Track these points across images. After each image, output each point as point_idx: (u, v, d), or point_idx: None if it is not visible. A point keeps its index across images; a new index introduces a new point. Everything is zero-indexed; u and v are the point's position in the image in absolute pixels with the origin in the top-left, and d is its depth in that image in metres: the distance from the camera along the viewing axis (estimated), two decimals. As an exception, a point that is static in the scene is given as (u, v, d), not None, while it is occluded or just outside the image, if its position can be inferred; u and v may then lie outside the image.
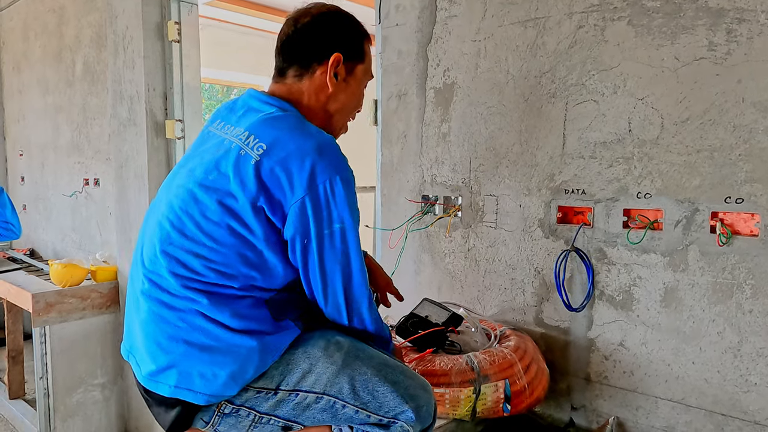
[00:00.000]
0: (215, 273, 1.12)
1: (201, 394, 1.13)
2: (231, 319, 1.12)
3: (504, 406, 1.46)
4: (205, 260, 1.13)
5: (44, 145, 4.25)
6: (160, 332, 1.14)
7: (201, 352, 1.12)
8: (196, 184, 1.16)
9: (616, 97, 1.54)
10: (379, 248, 2.18)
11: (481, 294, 1.89)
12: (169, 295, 1.15)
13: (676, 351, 1.49)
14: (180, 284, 1.13)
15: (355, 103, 1.38)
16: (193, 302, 1.12)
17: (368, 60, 1.37)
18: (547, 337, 1.72)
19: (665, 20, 1.45)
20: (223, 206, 1.12)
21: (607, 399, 1.62)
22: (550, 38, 1.65)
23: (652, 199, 1.49)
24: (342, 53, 1.29)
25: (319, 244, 1.14)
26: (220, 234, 1.12)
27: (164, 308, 1.14)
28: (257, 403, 1.16)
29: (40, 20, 4.20)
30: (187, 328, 1.12)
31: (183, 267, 1.14)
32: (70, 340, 3.11)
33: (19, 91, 4.67)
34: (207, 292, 1.13)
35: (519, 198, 1.76)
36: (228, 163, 1.13)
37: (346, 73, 1.32)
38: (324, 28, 1.30)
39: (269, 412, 1.17)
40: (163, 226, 1.18)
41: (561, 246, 1.67)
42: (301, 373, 1.16)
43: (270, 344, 1.15)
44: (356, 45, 1.33)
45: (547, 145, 1.68)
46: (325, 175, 1.10)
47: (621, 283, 1.57)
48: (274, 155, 1.11)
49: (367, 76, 1.38)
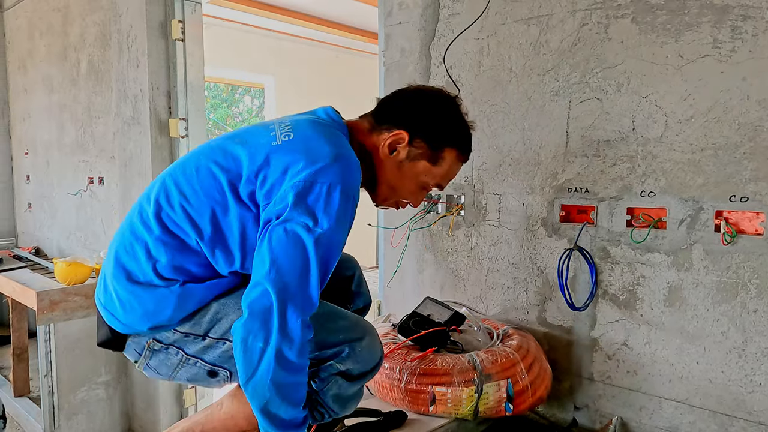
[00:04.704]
0: (184, 213, 1.16)
1: (119, 322, 1.20)
2: (165, 266, 1.16)
3: (506, 406, 1.46)
4: (184, 198, 1.16)
5: (49, 144, 4.27)
6: (115, 245, 1.23)
7: (127, 280, 1.18)
8: (229, 140, 1.21)
9: (620, 95, 1.53)
10: (382, 247, 2.18)
11: (484, 293, 1.88)
12: (140, 219, 1.20)
13: (679, 351, 1.48)
14: (154, 211, 1.18)
15: (402, 190, 1.31)
16: (149, 231, 1.17)
17: (441, 167, 1.28)
18: (550, 337, 1.72)
19: (669, 17, 1.43)
20: (228, 165, 1.15)
21: (611, 399, 1.61)
22: (554, 36, 1.64)
23: (656, 198, 1.48)
24: (411, 135, 1.24)
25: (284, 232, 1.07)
26: (209, 185, 1.15)
27: (128, 229, 1.21)
28: (185, 345, 1.20)
29: (45, 19, 4.21)
30: (131, 253, 1.18)
31: (166, 197, 1.18)
32: (75, 338, 3.12)
33: (24, 89, 4.69)
34: (165, 229, 1.16)
35: (522, 196, 1.75)
36: (256, 138, 1.18)
37: (406, 157, 1.26)
38: (417, 103, 1.28)
39: (196, 356, 1.20)
40: (187, 158, 1.24)
41: (564, 245, 1.66)
42: (228, 324, 1.17)
43: (194, 292, 1.17)
44: (435, 142, 1.26)
45: (551, 143, 1.67)
46: (328, 179, 1.08)
47: (624, 282, 1.56)
48: (293, 145, 1.13)
49: (429, 178, 1.29)
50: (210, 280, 1.19)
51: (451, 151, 1.28)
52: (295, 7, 4.60)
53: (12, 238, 5.01)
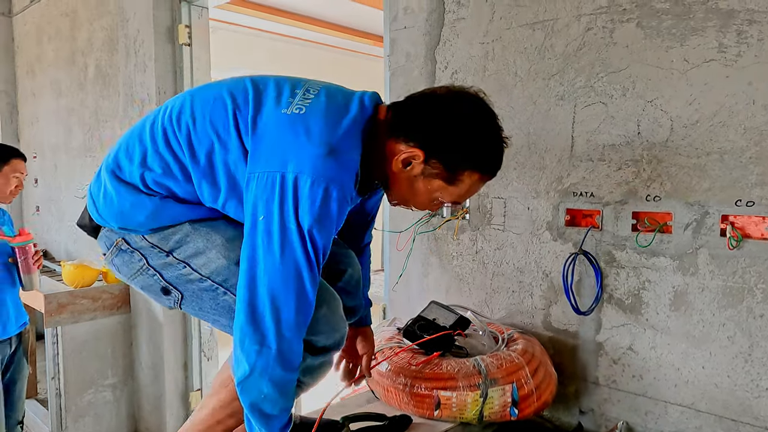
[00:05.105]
0: (186, 137, 1.14)
1: (96, 212, 1.24)
2: (154, 178, 1.16)
3: (511, 410, 1.46)
4: (192, 123, 1.14)
5: (57, 147, 4.30)
6: (120, 141, 1.24)
7: (116, 175, 1.20)
8: (258, 80, 1.17)
9: (625, 100, 1.53)
10: (387, 250, 2.18)
11: (489, 297, 1.88)
12: (150, 127, 1.18)
13: (685, 355, 1.47)
14: (163, 125, 1.16)
15: (413, 202, 1.23)
16: (152, 142, 1.17)
17: (458, 188, 1.16)
18: (555, 341, 1.71)
19: (675, 22, 1.43)
20: (240, 102, 1.12)
21: (616, 403, 1.61)
22: (559, 40, 1.65)
23: (661, 202, 1.48)
24: (427, 155, 1.11)
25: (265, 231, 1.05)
26: (217, 117, 1.12)
27: (137, 131, 1.21)
28: (149, 255, 1.21)
29: (53, 24, 4.24)
30: (129, 154, 1.19)
31: (178, 115, 1.16)
32: (82, 341, 3.14)
33: (32, 94, 4.73)
34: (167, 146, 1.15)
35: (527, 201, 1.75)
36: (276, 91, 1.13)
37: (421, 173, 1.14)
38: (437, 118, 1.12)
39: (156, 269, 1.21)
40: (214, 84, 1.21)
41: (569, 249, 1.66)
42: (194, 250, 1.18)
43: (171, 208, 1.18)
44: (453, 165, 1.12)
45: (556, 147, 1.67)
46: (312, 177, 1.02)
47: (630, 287, 1.55)
48: (295, 124, 1.07)
49: (444, 196, 1.18)
50: (190, 204, 1.19)
51: (472, 173, 1.15)
52: (301, 11, 4.61)
53: (20, 240, 5.02)
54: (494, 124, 1.15)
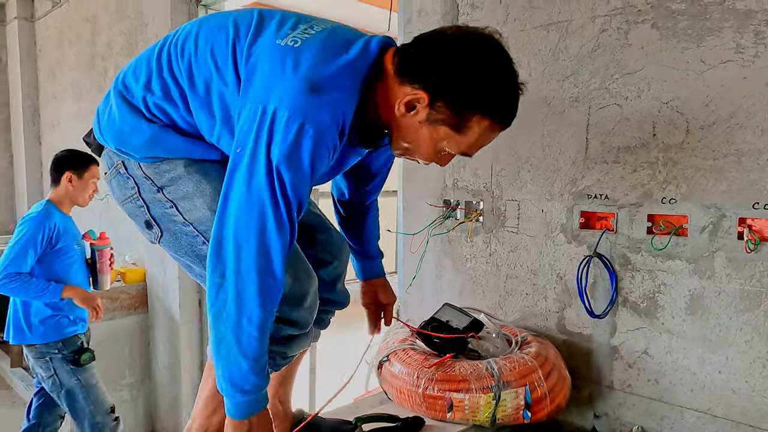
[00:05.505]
0: (188, 65, 1.11)
1: (99, 129, 1.24)
2: (155, 102, 1.14)
3: (524, 413, 1.45)
4: (195, 50, 1.11)
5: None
6: (133, 62, 1.22)
7: (123, 96, 1.18)
8: (265, 14, 1.13)
9: (641, 101, 1.51)
10: (401, 252, 2.19)
11: (503, 299, 1.87)
12: (158, 51, 1.16)
13: (702, 360, 1.45)
14: (169, 51, 1.14)
15: (417, 152, 1.13)
16: (157, 66, 1.15)
17: (466, 137, 1.06)
18: (569, 344, 1.70)
19: (691, 22, 1.42)
20: (241, 30, 1.09)
21: (631, 408, 1.59)
22: (573, 42, 1.64)
23: (677, 205, 1.46)
24: (432, 97, 1.03)
25: (246, 170, 1.01)
26: (218, 47, 1.09)
27: (147, 55, 1.19)
28: (142, 186, 1.21)
29: (74, 29, 4.32)
30: (136, 76, 1.17)
31: (183, 42, 1.13)
32: (100, 340, 3.18)
33: (54, 97, 4.82)
34: (170, 71, 1.13)
35: (541, 203, 1.75)
36: (279, 23, 1.10)
37: (426, 119, 1.05)
38: (444, 56, 1.03)
39: (146, 201, 1.21)
40: (223, 14, 1.19)
41: (584, 251, 1.65)
42: (183, 194, 1.17)
43: (168, 138, 1.16)
44: (461, 108, 1.03)
45: (570, 149, 1.67)
46: (289, 112, 0.97)
47: (645, 290, 1.54)
48: (287, 56, 1.03)
49: (451, 146, 1.09)
50: (189, 137, 1.17)
51: (482, 119, 1.04)
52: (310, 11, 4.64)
53: (41, 241, 5.11)
54: (508, 67, 1.06)
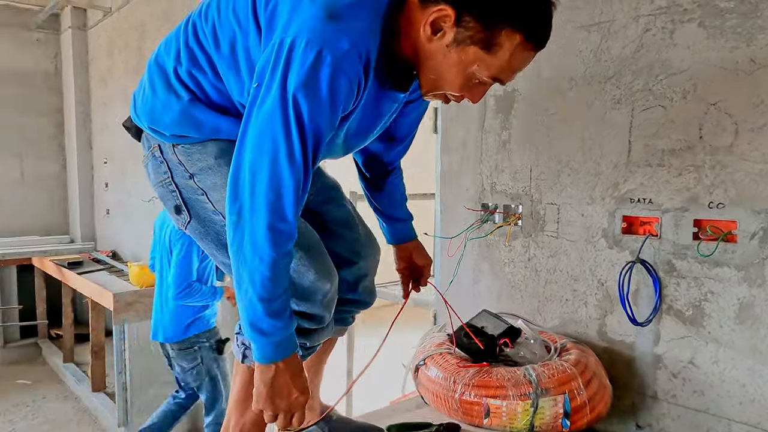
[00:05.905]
0: (212, 28, 1.11)
1: (134, 108, 1.25)
2: (185, 70, 1.14)
3: (563, 422, 1.43)
4: (218, 14, 1.11)
5: (125, 154, 4.53)
6: (166, 39, 1.23)
7: (158, 72, 1.19)
8: None
9: (686, 102, 1.47)
10: (438, 256, 2.18)
11: (542, 305, 1.84)
12: (185, 23, 1.18)
13: (752, 371, 1.39)
14: (194, 21, 1.15)
15: (445, 82, 1.05)
16: (185, 36, 1.15)
17: (497, 57, 0.99)
18: (611, 352, 1.66)
19: (740, 20, 1.37)
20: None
21: (675, 419, 1.54)
22: (615, 42, 1.60)
23: (725, 210, 1.41)
24: (459, 11, 0.96)
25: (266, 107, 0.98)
26: (240, 5, 1.07)
27: (177, 29, 1.20)
28: (175, 171, 1.21)
29: (123, 37, 4.48)
30: (168, 49, 1.19)
31: (206, 9, 1.14)
32: (146, 338, 3.28)
33: (104, 103, 5.01)
34: (196, 38, 1.13)
35: (581, 207, 1.71)
36: None
37: (453, 40, 0.99)
38: None
39: (177, 186, 1.21)
40: None
41: (626, 257, 1.61)
42: (212, 183, 1.17)
43: (197, 113, 1.14)
44: (489, 20, 0.96)
45: (612, 152, 1.63)
46: (306, 38, 0.94)
47: (691, 298, 1.49)
48: None
49: (482, 70, 1.01)
50: (217, 111, 1.15)
51: (512, 34, 0.97)
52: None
53: (92, 242, 5.34)
54: None
